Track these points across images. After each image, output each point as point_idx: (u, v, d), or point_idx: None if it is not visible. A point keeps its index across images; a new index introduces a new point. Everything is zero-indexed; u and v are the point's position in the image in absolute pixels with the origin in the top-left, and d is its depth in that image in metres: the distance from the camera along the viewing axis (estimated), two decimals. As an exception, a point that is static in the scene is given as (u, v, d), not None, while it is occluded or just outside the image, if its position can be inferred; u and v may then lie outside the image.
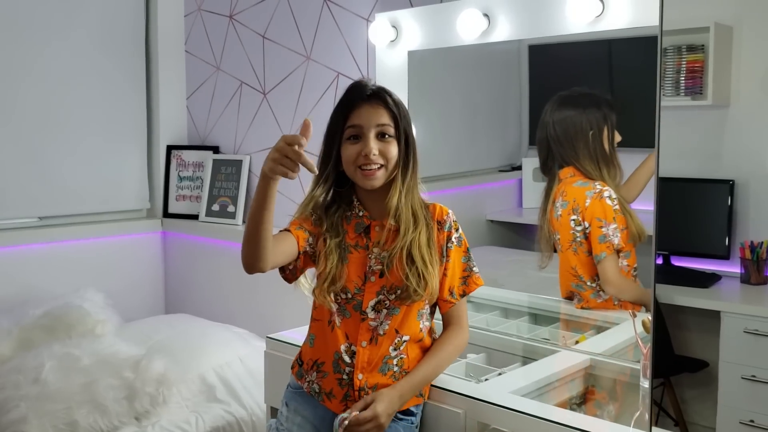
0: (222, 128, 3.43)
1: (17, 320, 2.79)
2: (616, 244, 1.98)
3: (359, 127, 1.70)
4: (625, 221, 1.98)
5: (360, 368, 1.71)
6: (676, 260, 1.90)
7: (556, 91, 2.13)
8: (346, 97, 1.74)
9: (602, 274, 2.02)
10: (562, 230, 2.08)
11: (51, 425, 2.29)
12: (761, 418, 1.69)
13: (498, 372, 1.92)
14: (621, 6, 1.87)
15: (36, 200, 3.20)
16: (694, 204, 1.89)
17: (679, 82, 1.87)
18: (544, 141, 2.10)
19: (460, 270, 1.80)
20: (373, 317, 1.72)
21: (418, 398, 1.76)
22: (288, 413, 1.80)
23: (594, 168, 2.01)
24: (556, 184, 2.09)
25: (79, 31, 3.27)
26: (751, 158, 1.77)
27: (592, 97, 2.05)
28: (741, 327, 1.73)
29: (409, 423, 1.74)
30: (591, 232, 2.02)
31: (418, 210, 1.74)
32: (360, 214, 1.77)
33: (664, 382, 1.88)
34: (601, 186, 2.00)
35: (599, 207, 2.00)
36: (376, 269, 1.73)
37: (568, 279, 2.09)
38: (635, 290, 2.01)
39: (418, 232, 1.72)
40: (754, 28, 1.77)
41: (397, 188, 1.72)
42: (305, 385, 1.78)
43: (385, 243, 1.73)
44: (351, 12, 2.80)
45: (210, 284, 3.42)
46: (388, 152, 1.70)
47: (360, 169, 1.70)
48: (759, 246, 1.74)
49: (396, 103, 1.73)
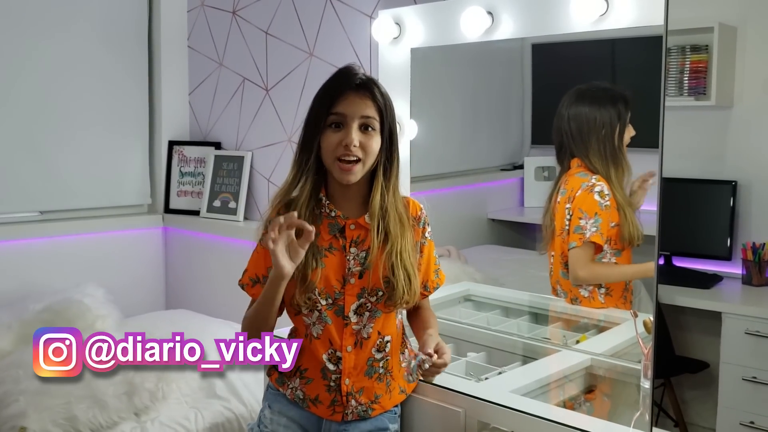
0: (224, 124, 3.43)
1: (17, 315, 2.79)
2: (587, 237, 1.99)
3: (342, 115, 1.64)
4: (619, 220, 1.99)
5: (347, 373, 1.69)
6: (678, 261, 1.90)
7: (558, 90, 2.13)
8: (333, 82, 1.69)
9: (569, 262, 2.05)
10: (558, 217, 2.10)
11: (50, 420, 2.29)
12: (762, 420, 1.69)
13: (498, 371, 1.92)
14: (625, 5, 1.86)
15: (37, 195, 3.20)
16: (697, 204, 1.89)
17: (683, 83, 1.87)
18: (559, 133, 2.11)
19: (433, 264, 1.81)
20: (356, 321, 1.69)
21: (399, 395, 1.78)
22: (272, 415, 1.77)
23: (602, 165, 2.02)
24: (565, 172, 2.10)
25: (81, 25, 3.26)
26: (754, 159, 1.77)
27: (609, 93, 2.04)
28: (742, 328, 1.72)
29: (392, 413, 1.78)
30: (571, 221, 2.04)
31: (403, 212, 1.71)
32: (332, 214, 1.70)
33: (664, 383, 1.88)
34: (596, 180, 2.02)
35: (586, 199, 2.02)
36: (355, 271, 1.68)
37: (557, 266, 2.11)
38: (601, 277, 2.02)
39: (406, 237, 1.69)
40: (759, 28, 1.76)
41: (378, 186, 1.68)
42: (288, 391, 1.75)
43: (362, 242, 1.69)
44: (354, 8, 2.80)
45: (210, 280, 3.42)
46: (369, 146, 1.64)
47: (338, 160, 1.64)
48: (761, 247, 1.74)
49: (383, 96, 1.68)
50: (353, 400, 1.70)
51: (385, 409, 1.74)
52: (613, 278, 2.04)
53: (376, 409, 1.73)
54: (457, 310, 2.37)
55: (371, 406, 1.72)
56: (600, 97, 2.04)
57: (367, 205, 1.71)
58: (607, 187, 2.00)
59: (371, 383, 1.71)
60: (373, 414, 1.72)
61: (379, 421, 1.74)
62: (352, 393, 1.70)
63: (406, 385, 1.80)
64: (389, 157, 1.70)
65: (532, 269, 2.36)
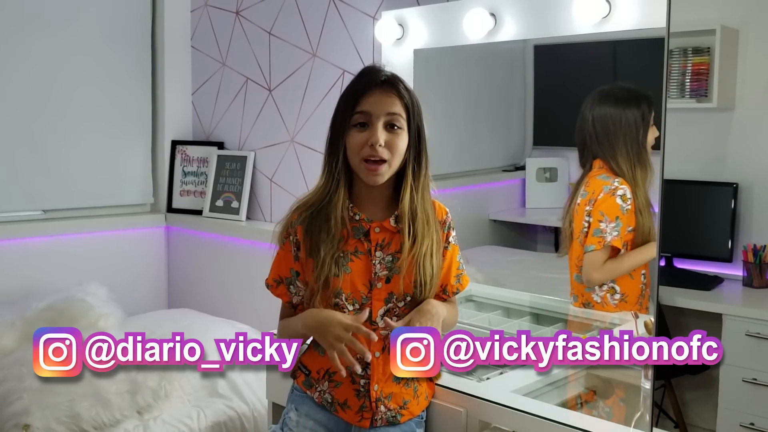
0: (227, 124, 3.43)
1: (20, 313, 2.80)
2: (607, 241, 1.99)
3: (368, 114, 1.60)
4: (636, 223, 1.97)
5: (376, 379, 1.66)
6: (679, 262, 1.91)
7: (561, 92, 2.13)
8: (358, 81, 1.65)
9: (584, 264, 2.03)
10: (577, 219, 2.07)
11: (53, 418, 2.30)
12: (761, 421, 1.70)
13: (499, 371, 1.92)
14: (628, 7, 1.87)
15: (40, 194, 3.20)
16: (698, 206, 1.89)
17: (685, 85, 1.87)
18: (582, 134, 2.07)
19: (455, 269, 1.77)
20: (383, 326, 1.65)
21: (425, 401, 1.77)
22: (298, 417, 1.73)
23: (628, 167, 1.97)
24: (587, 174, 2.08)
25: (85, 25, 3.27)
26: (755, 162, 1.77)
27: (633, 94, 2.00)
28: (742, 330, 1.73)
29: (419, 419, 1.76)
30: (591, 223, 2.02)
31: (431, 214, 1.68)
32: (356, 217, 1.65)
33: (664, 384, 1.88)
34: (618, 183, 1.98)
35: (607, 203, 2.00)
36: (382, 275, 1.65)
37: (573, 269, 2.10)
38: (615, 272, 2.02)
39: (432, 239, 1.66)
40: (760, 31, 1.77)
41: (408, 187, 1.64)
42: (316, 395, 1.71)
43: (387, 245, 1.66)
44: (357, 9, 2.81)
45: (213, 280, 3.43)
46: (396, 145, 1.60)
47: (365, 162, 1.60)
48: (762, 249, 1.75)
49: (410, 93, 1.64)
50: (382, 406, 1.67)
51: (413, 415, 1.73)
52: (624, 268, 1.99)
53: (405, 414, 1.71)
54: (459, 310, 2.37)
55: (400, 411, 1.70)
56: (624, 98, 2.00)
57: (391, 207, 1.68)
58: (629, 190, 1.96)
59: (399, 389, 1.69)
60: (402, 420, 1.70)
61: (407, 426, 1.72)
62: (381, 399, 1.67)
63: (431, 392, 1.79)
64: (417, 157, 1.65)
65: (534, 270, 2.36)
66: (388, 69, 1.67)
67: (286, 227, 1.70)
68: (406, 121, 1.62)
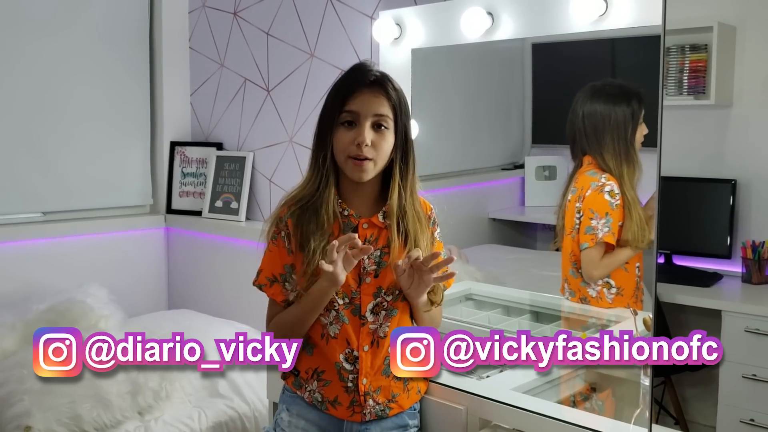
0: (226, 125, 3.44)
1: (21, 315, 2.80)
2: (599, 238, 1.99)
3: (355, 113, 1.62)
4: (624, 218, 1.98)
5: (364, 373, 1.68)
6: (678, 259, 1.91)
7: (559, 90, 2.13)
8: (347, 79, 1.66)
9: (582, 262, 2.04)
10: (568, 215, 2.09)
11: (54, 419, 2.30)
12: (761, 417, 1.70)
13: (499, 369, 1.93)
14: (624, 5, 1.87)
15: (39, 195, 3.20)
16: (696, 203, 1.90)
17: (682, 82, 1.87)
18: (572, 130, 2.08)
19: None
20: (372, 320, 1.68)
21: (416, 395, 1.77)
22: (290, 417, 1.75)
23: (615, 164, 1.98)
24: (577, 170, 2.09)
25: (83, 26, 3.27)
26: (753, 158, 1.78)
27: (624, 90, 2.00)
28: (742, 326, 1.73)
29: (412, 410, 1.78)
30: (581, 221, 2.03)
31: (420, 210, 1.70)
32: (345, 213, 1.68)
33: (664, 381, 1.89)
34: (606, 180, 2.00)
35: (596, 199, 2.01)
36: (371, 270, 1.68)
37: (566, 265, 2.11)
38: (612, 266, 2.02)
39: (425, 236, 1.68)
40: (758, 28, 1.77)
41: (396, 186, 1.66)
42: (306, 394, 1.73)
43: (375, 240, 1.68)
44: (355, 9, 2.81)
45: (213, 281, 3.43)
46: (382, 145, 1.63)
47: (351, 158, 1.62)
48: (760, 246, 1.75)
49: (398, 93, 1.66)
50: (371, 400, 1.69)
51: (402, 409, 1.74)
52: (620, 260, 2.01)
53: (394, 408, 1.72)
54: (458, 309, 2.38)
55: (389, 405, 1.71)
56: (615, 95, 2.01)
57: (379, 203, 1.70)
58: (617, 186, 1.98)
59: (388, 382, 1.71)
60: (391, 414, 1.72)
61: (399, 418, 1.73)
62: (369, 392, 1.68)
63: (423, 386, 1.80)
64: (404, 156, 1.68)
65: (533, 268, 2.37)
66: (378, 67, 1.68)
67: (276, 222, 1.71)
68: (393, 122, 1.65)
